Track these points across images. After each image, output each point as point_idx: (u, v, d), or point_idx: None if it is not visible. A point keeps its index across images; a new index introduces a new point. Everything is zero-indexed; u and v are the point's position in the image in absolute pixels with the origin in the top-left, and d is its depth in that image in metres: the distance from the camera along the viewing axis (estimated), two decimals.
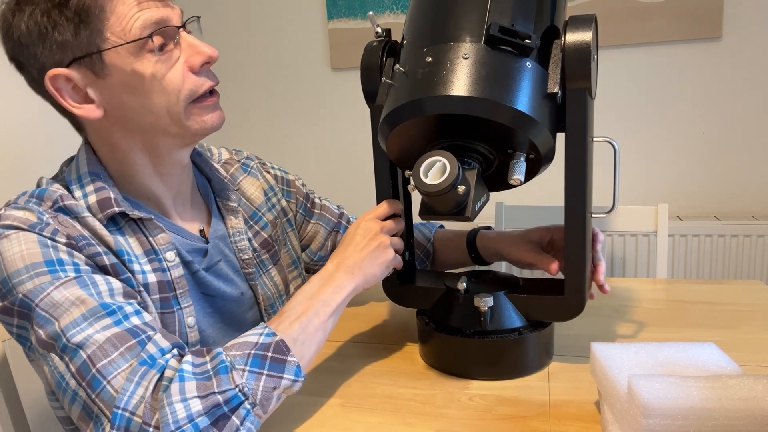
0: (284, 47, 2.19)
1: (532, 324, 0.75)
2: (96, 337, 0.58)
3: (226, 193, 0.86)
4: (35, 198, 0.68)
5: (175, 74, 0.69)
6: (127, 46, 0.66)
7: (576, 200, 0.70)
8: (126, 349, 0.59)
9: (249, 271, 0.85)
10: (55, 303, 0.60)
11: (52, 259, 0.63)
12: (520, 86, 0.64)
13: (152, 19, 0.66)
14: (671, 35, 1.77)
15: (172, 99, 0.69)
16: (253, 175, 0.94)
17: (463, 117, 0.65)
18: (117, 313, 0.61)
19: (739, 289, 1.01)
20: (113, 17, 0.65)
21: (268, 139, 2.27)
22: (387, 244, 0.75)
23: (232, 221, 0.85)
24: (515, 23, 0.65)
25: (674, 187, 1.88)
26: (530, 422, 0.63)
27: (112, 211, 0.69)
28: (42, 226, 0.64)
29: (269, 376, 0.60)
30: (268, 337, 0.63)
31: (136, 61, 0.67)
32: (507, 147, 0.69)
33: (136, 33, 0.66)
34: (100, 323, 0.59)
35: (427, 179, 0.63)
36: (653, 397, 0.49)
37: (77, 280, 0.62)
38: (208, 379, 0.57)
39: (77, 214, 0.68)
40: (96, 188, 0.71)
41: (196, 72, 0.70)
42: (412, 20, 0.73)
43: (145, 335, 0.60)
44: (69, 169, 0.74)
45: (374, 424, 0.65)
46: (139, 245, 0.72)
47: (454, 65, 0.64)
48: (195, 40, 0.71)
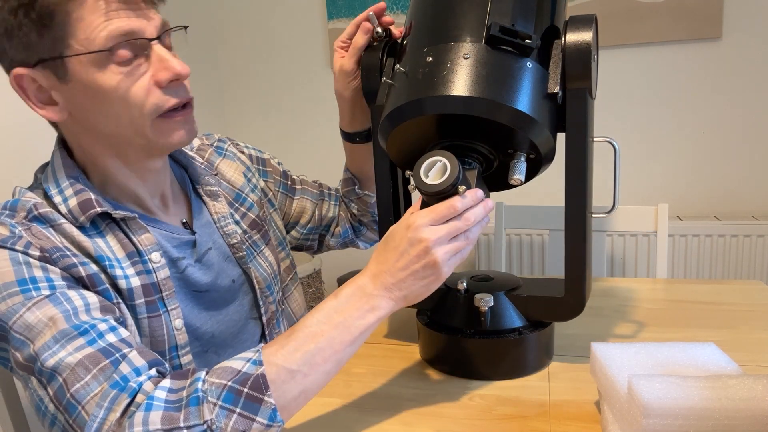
0: (284, 47, 2.19)
1: (532, 324, 0.75)
2: (68, 360, 0.56)
3: (204, 177, 0.84)
4: (8, 210, 0.66)
5: (139, 88, 0.66)
6: (91, 56, 0.63)
7: (576, 200, 0.70)
8: (99, 370, 0.56)
9: (240, 255, 0.83)
10: (29, 325, 0.58)
11: (24, 277, 0.61)
12: (521, 86, 0.64)
13: (120, 30, 0.63)
14: (671, 35, 1.77)
15: (135, 113, 0.66)
16: (229, 158, 0.92)
17: (464, 117, 0.65)
18: (90, 332, 0.58)
19: (739, 289, 1.01)
20: (80, 25, 0.63)
21: (267, 138, 2.27)
22: (441, 262, 0.61)
23: (216, 206, 0.83)
24: (515, 23, 0.65)
25: (674, 187, 1.88)
26: (530, 422, 0.63)
27: (94, 212, 0.68)
28: (14, 240, 0.62)
29: (241, 415, 0.54)
30: (253, 366, 0.56)
31: (98, 72, 0.64)
32: (507, 147, 0.69)
33: (101, 43, 0.63)
34: (72, 344, 0.57)
35: (428, 179, 0.63)
36: (653, 397, 0.49)
37: (50, 298, 0.60)
38: (177, 409, 0.53)
39: (53, 222, 0.66)
40: (76, 191, 0.69)
41: (162, 87, 0.67)
42: (413, 19, 0.73)
43: (120, 353, 0.58)
44: (45, 175, 0.72)
45: (374, 424, 0.65)
46: (122, 248, 0.70)
47: (454, 65, 0.64)
48: (167, 54, 0.67)
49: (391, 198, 0.82)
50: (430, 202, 0.64)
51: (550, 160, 0.72)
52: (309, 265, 1.96)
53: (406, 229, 0.62)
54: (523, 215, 1.43)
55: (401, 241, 0.62)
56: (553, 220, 1.39)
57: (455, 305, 0.77)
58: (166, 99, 0.67)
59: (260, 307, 0.85)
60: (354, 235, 1.05)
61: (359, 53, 0.80)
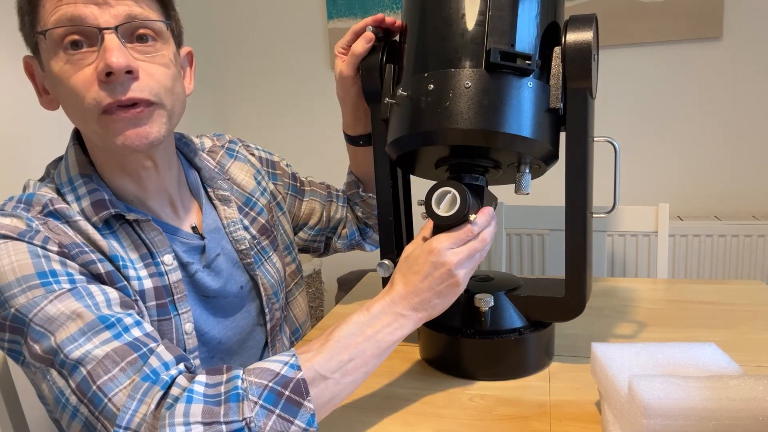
0: (284, 47, 2.19)
1: (532, 324, 0.75)
2: (95, 352, 0.56)
3: (216, 182, 0.83)
4: (23, 203, 0.65)
5: (80, 79, 0.62)
6: (47, 43, 0.63)
7: (576, 200, 0.70)
8: (127, 363, 0.56)
9: (248, 261, 0.82)
10: (50, 317, 0.57)
11: (44, 270, 0.59)
12: (522, 110, 0.65)
13: (66, 15, 0.61)
14: (671, 35, 1.77)
15: (78, 105, 0.64)
16: (240, 160, 0.91)
17: None
18: (116, 326, 0.58)
19: (739, 289, 1.01)
20: (42, 10, 0.63)
21: (267, 138, 2.27)
22: (462, 281, 0.65)
23: (226, 211, 0.82)
24: (515, 42, 0.65)
25: (674, 187, 1.88)
26: (530, 422, 0.63)
27: (107, 212, 0.67)
28: (32, 234, 0.61)
29: (280, 417, 0.54)
30: (291, 369, 0.57)
31: (52, 58, 0.64)
32: (512, 161, 0.71)
33: (49, 27, 0.62)
34: (99, 337, 0.57)
35: (439, 210, 0.67)
36: (654, 397, 0.49)
37: (72, 292, 0.59)
38: (217, 404, 0.53)
39: (69, 218, 0.65)
40: (89, 190, 0.68)
41: (102, 81, 0.62)
42: (410, 23, 0.72)
43: (147, 348, 0.58)
44: (58, 171, 0.71)
45: (374, 424, 0.65)
46: (135, 249, 0.69)
47: (456, 96, 0.65)
48: (114, 45, 0.62)
49: (391, 198, 0.82)
50: (442, 229, 0.68)
51: (555, 162, 0.72)
52: (309, 265, 1.96)
53: (428, 254, 0.65)
54: (523, 215, 1.43)
55: (425, 265, 0.65)
56: (554, 220, 1.39)
57: (455, 305, 0.76)
58: (103, 95, 0.63)
59: (266, 313, 0.84)
60: (360, 237, 1.05)
61: (358, 60, 0.79)
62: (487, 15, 0.65)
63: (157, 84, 0.66)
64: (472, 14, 0.66)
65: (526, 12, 0.66)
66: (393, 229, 0.82)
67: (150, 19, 0.66)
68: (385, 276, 0.81)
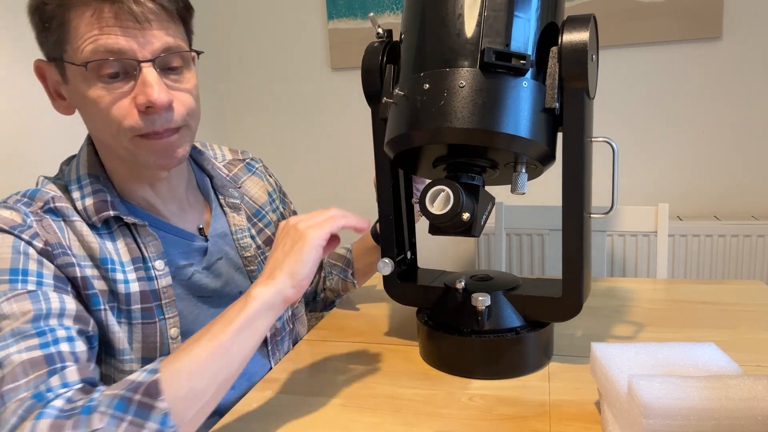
0: (284, 47, 2.19)
1: (530, 324, 0.75)
2: (14, 357, 0.56)
3: (227, 189, 0.86)
4: (27, 198, 0.68)
5: (119, 108, 0.66)
6: (79, 67, 0.65)
7: (573, 201, 0.70)
8: (34, 377, 0.56)
9: (252, 268, 0.85)
10: (3, 314, 0.59)
11: (18, 267, 0.62)
12: (517, 109, 0.65)
13: (105, 47, 0.63)
14: (671, 35, 1.77)
15: (113, 129, 0.67)
16: (257, 176, 0.95)
17: None
18: (47, 335, 0.59)
19: (739, 289, 1.01)
20: (75, 34, 0.64)
21: (267, 138, 2.27)
22: (302, 228, 0.66)
23: (235, 218, 0.85)
24: (510, 42, 0.65)
25: (674, 187, 1.88)
26: (530, 422, 0.63)
27: (106, 214, 0.69)
28: (23, 229, 0.64)
29: (131, 423, 0.53)
30: (148, 374, 0.56)
31: (84, 83, 0.66)
32: (508, 160, 0.71)
33: (84, 57, 0.64)
34: (26, 342, 0.57)
35: (433, 209, 0.67)
36: (653, 397, 0.49)
37: (30, 294, 0.61)
38: (68, 417, 0.52)
39: (66, 217, 0.68)
40: (94, 190, 0.71)
41: (141, 111, 0.66)
42: (408, 29, 0.72)
43: (60, 365, 0.57)
44: (69, 168, 0.74)
45: (374, 424, 0.65)
46: (128, 252, 0.71)
47: (450, 95, 0.65)
48: (153, 79, 0.65)
49: (391, 197, 0.82)
50: (438, 227, 0.70)
51: (552, 162, 0.72)
52: None
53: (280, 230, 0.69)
54: (523, 215, 1.43)
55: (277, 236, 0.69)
56: (553, 220, 1.39)
57: (454, 304, 0.77)
58: (142, 125, 0.67)
59: None
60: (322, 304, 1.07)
61: None
62: (482, 15, 0.66)
63: (187, 110, 0.71)
64: (468, 14, 0.66)
65: (522, 12, 0.66)
66: (393, 228, 0.82)
67: (182, 50, 0.69)
68: (386, 274, 0.81)
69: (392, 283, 0.84)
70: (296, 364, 0.81)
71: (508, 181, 0.79)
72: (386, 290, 0.85)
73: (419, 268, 0.90)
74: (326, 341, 0.89)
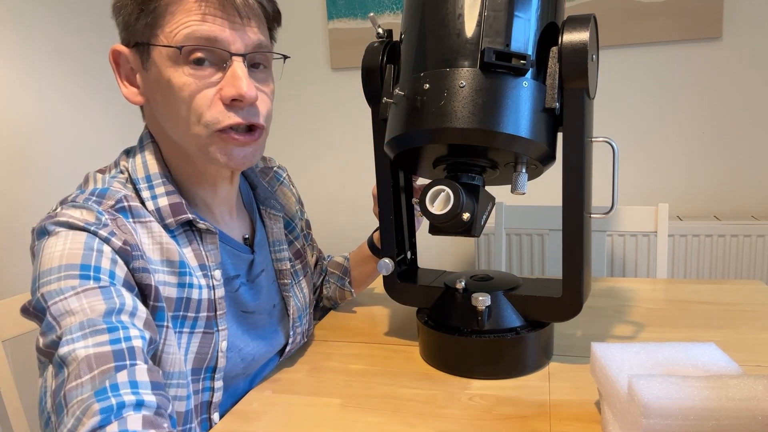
0: (284, 47, 2.19)
1: (530, 324, 0.75)
2: (79, 352, 0.51)
3: (270, 201, 0.84)
4: (96, 196, 0.64)
5: (203, 97, 0.65)
6: (169, 51, 0.64)
7: (573, 201, 0.70)
8: (99, 372, 0.50)
9: (284, 282, 0.83)
10: (69, 310, 0.54)
11: (90, 264, 0.57)
12: (517, 109, 0.65)
13: (199, 33, 0.63)
14: (671, 35, 1.77)
15: (193, 119, 0.65)
16: (285, 186, 0.94)
17: None
18: (118, 331, 0.54)
19: (739, 289, 1.01)
20: (171, 19, 0.64)
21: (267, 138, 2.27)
22: None
23: (275, 230, 0.84)
24: (510, 42, 0.65)
25: (674, 187, 1.88)
26: (530, 422, 0.63)
27: (185, 216, 0.67)
28: (99, 226, 0.60)
29: None
30: None
31: (172, 68, 0.64)
32: (508, 160, 0.71)
33: (179, 40, 0.63)
34: (95, 338, 0.52)
35: (433, 209, 0.67)
36: (653, 397, 0.49)
37: (102, 290, 0.56)
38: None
39: (141, 217, 0.65)
40: (167, 191, 0.68)
41: (227, 104, 0.65)
42: (408, 30, 0.72)
43: (130, 362, 0.52)
44: (133, 166, 0.70)
45: (374, 424, 0.65)
46: (194, 258, 0.69)
47: (451, 95, 0.65)
48: (242, 72, 0.65)
49: (391, 197, 0.82)
50: (437, 225, 0.70)
51: (552, 162, 0.72)
52: None
53: None
54: (523, 215, 1.43)
55: None
56: (553, 220, 1.39)
57: (454, 304, 0.77)
58: (226, 116, 0.65)
59: (289, 336, 0.83)
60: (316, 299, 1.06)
61: None
62: (482, 15, 0.66)
63: (266, 111, 0.70)
64: (468, 14, 0.66)
65: (522, 12, 0.66)
66: (393, 229, 0.82)
67: (270, 51, 0.70)
68: (386, 274, 0.81)
69: (392, 283, 0.84)
70: (296, 364, 0.81)
71: (508, 181, 0.79)
72: (386, 290, 0.85)
73: (419, 268, 0.90)
74: (326, 341, 0.89)
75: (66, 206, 0.62)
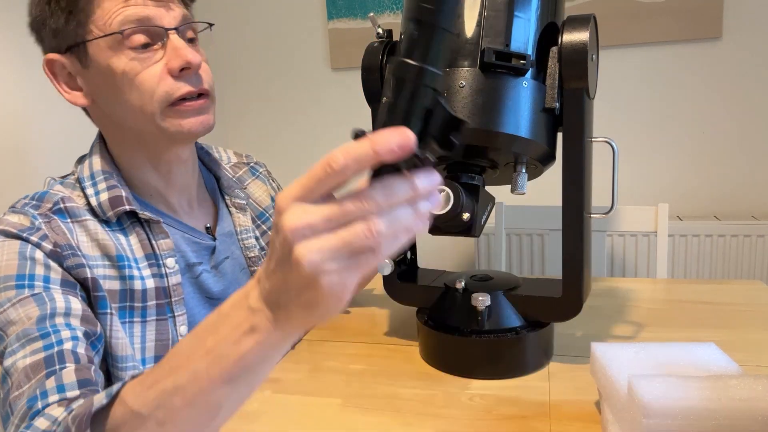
0: (284, 47, 2.19)
1: (530, 324, 0.75)
2: (19, 363, 0.57)
3: (234, 190, 0.87)
4: (35, 200, 0.69)
5: (150, 75, 0.68)
6: (107, 39, 0.66)
7: (573, 200, 0.70)
8: (35, 381, 0.55)
9: (255, 269, 0.85)
10: (10, 320, 0.60)
11: (24, 273, 0.62)
12: (517, 109, 0.65)
13: (135, 16, 0.66)
14: (671, 35, 1.77)
15: (146, 98, 0.68)
16: (261, 180, 0.96)
17: None
18: (50, 337, 0.59)
19: (739, 289, 1.01)
20: (99, 10, 0.66)
21: (267, 138, 2.27)
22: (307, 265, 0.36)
23: (240, 218, 0.86)
24: (510, 42, 0.65)
25: (674, 187, 1.88)
26: (530, 422, 0.63)
27: (122, 209, 0.70)
28: (32, 231, 0.65)
29: None
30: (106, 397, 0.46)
31: (114, 56, 0.67)
32: (508, 160, 0.71)
33: (115, 27, 0.66)
34: (31, 347, 0.58)
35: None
36: (653, 397, 0.49)
37: (35, 297, 0.61)
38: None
39: (78, 217, 0.68)
40: (108, 186, 0.71)
41: (175, 76, 0.69)
42: (407, 30, 0.72)
43: (60, 366, 0.57)
44: (81, 166, 0.75)
45: (374, 424, 0.65)
46: (141, 248, 0.72)
47: (450, 95, 0.65)
48: (182, 44, 0.69)
49: None
50: (438, 227, 0.69)
51: (551, 163, 0.72)
52: None
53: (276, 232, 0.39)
54: (523, 215, 1.43)
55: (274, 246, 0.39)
56: (553, 220, 1.39)
57: (454, 304, 0.77)
58: (177, 86, 0.69)
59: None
60: None
61: None
62: (482, 15, 0.66)
63: (209, 78, 0.73)
64: (468, 14, 0.66)
65: (522, 12, 0.66)
66: None
67: (198, 21, 0.73)
68: (386, 274, 0.81)
69: (392, 283, 0.84)
70: (296, 364, 0.81)
71: (508, 181, 0.79)
72: (386, 290, 0.85)
73: (419, 268, 0.90)
74: (326, 341, 0.89)
75: (8, 212, 0.68)
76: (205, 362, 0.42)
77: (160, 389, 0.43)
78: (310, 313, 0.38)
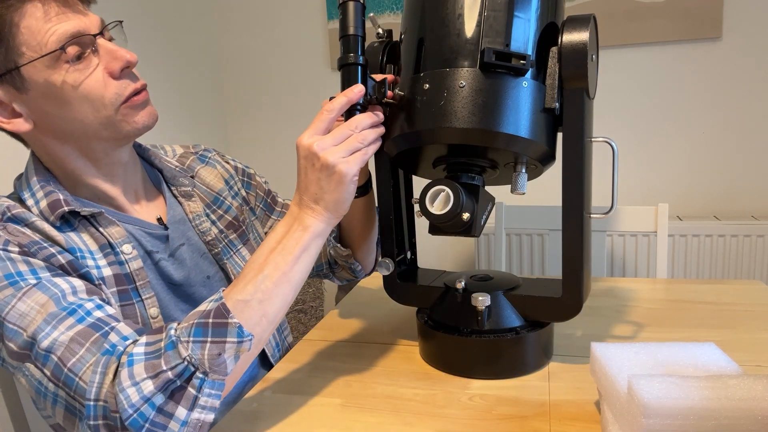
0: (284, 47, 2.19)
1: (530, 324, 0.75)
2: (61, 338, 0.60)
3: (178, 179, 0.88)
4: None
5: (94, 81, 0.69)
6: (43, 59, 0.67)
7: (573, 201, 0.70)
8: (91, 343, 0.60)
9: (216, 251, 0.87)
10: (22, 313, 0.61)
11: (10, 272, 0.64)
12: (517, 109, 0.65)
13: (68, 32, 0.67)
14: (671, 35, 1.77)
15: (98, 104, 0.70)
16: (211, 165, 0.97)
17: None
18: (78, 311, 0.62)
19: (739, 289, 1.01)
20: (26, 32, 0.66)
21: (267, 138, 2.27)
22: (333, 160, 0.65)
23: (190, 205, 0.87)
24: (510, 42, 0.65)
25: (674, 187, 1.88)
26: (530, 422, 0.63)
27: (62, 210, 0.71)
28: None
29: (213, 342, 0.59)
30: (213, 303, 0.62)
31: (54, 73, 0.68)
32: (508, 160, 0.71)
33: (53, 46, 0.66)
34: (64, 324, 0.61)
35: (433, 209, 0.68)
36: (653, 397, 0.49)
37: (37, 286, 0.63)
38: (157, 357, 0.58)
39: (26, 220, 0.69)
40: (46, 192, 0.72)
41: (116, 77, 0.71)
42: (408, 29, 0.72)
43: (108, 326, 0.62)
44: (20, 182, 0.76)
45: (374, 424, 0.65)
46: (94, 241, 0.73)
47: (451, 95, 0.65)
48: (113, 46, 0.71)
49: (391, 197, 0.82)
50: (438, 227, 0.70)
51: (551, 163, 0.72)
52: None
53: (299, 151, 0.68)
54: (523, 215, 1.43)
55: (299, 165, 0.68)
56: (553, 220, 1.39)
57: (453, 304, 0.77)
58: (124, 86, 0.71)
59: None
60: (329, 270, 1.06)
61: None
62: (482, 15, 0.66)
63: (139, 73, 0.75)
64: (468, 14, 0.66)
65: (522, 12, 0.66)
66: (393, 229, 0.82)
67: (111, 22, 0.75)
68: (386, 274, 0.81)
69: (392, 283, 0.84)
70: (296, 364, 0.81)
71: (508, 181, 0.79)
72: (386, 290, 0.85)
73: (419, 268, 0.90)
74: (326, 341, 0.89)
75: None
76: (280, 256, 0.65)
77: (253, 281, 0.64)
78: (338, 196, 0.66)
